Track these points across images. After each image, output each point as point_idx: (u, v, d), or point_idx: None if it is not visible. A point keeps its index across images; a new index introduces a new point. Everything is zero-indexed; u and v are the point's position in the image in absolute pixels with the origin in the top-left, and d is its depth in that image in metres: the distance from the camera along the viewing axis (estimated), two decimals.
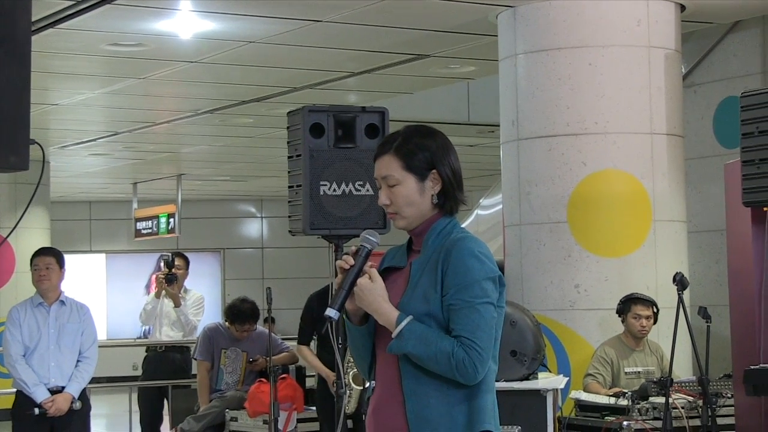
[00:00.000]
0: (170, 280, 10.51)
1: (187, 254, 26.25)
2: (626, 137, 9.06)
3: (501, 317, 3.63)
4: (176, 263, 10.84)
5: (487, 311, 3.54)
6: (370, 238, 3.70)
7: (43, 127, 14.81)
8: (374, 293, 3.60)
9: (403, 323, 3.53)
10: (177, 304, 10.54)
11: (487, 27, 9.77)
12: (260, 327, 9.75)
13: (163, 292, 10.61)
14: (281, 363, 9.29)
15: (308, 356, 8.90)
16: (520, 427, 6.84)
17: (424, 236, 3.69)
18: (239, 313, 9.57)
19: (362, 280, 3.60)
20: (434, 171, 3.66)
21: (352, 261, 3.64)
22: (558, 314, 8.96)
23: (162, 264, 10.88)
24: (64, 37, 10.03)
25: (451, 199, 3.70)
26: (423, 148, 3.68)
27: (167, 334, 10.28)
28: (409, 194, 3.67)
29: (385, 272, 3.73)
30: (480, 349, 3.50)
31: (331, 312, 3.61)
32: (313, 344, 9.06)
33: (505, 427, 6.47)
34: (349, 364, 7.88)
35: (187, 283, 11.12)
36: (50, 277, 7.66)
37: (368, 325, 3.69)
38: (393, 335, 3.55)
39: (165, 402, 10.88)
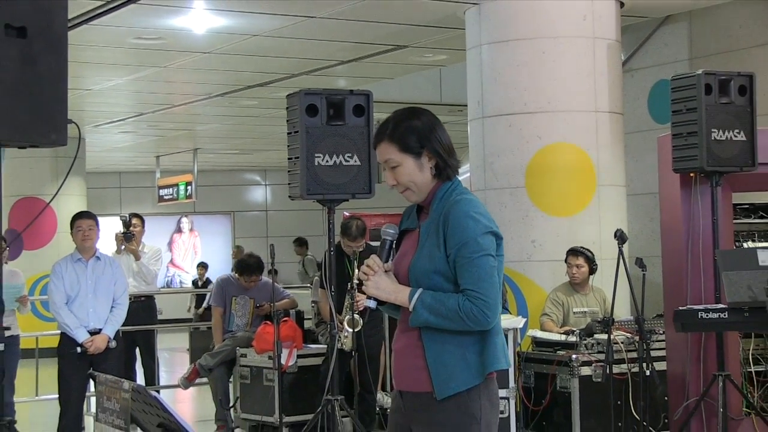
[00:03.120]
0: (128, 237, 10.34)
1: (201, 216, 26.40)
2: (574, 115, 9.07)
3: (501, 265, 3.59)
4: (133, 222, 10.63)
5: (485, 263, 3.49)
6: (389, 230, 3.68)
7: (79, 108, 14.77)
8: (382, 290, 3.59)
9: (414, 299, 3.51)
10: (137, 258, 10.38)
11: (456, 21, 9.76)
12: (265, 278, 9.76)
13: (123, 248, 10.44)
14: (283, 308, 9.32)
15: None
16: None
17: (431, 202, 3.64)
18: (247, 266, 9.59)
19: (369, 283, 3.58)
20: (425, 149, 3.61)
21: (376, 265, 3.60)
22: (517, 265, 8.99)
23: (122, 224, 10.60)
24: (95, 31, 9.99)
25: (446, 168, 3.64)
26: (412, 128, 3.62)
27: (132, 285, 10.11)
28: (410, 172, 3.62)
29: (402, 234, 3.72)
30: (485, 297, 3.46)
31: (370, 303, 3.62)
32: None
33: None
34: (346, 310, 7.91)
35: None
36: (92, 237, 7.66)
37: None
38: (410, 309, 3.53)
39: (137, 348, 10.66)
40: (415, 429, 3.59)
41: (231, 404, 9.36)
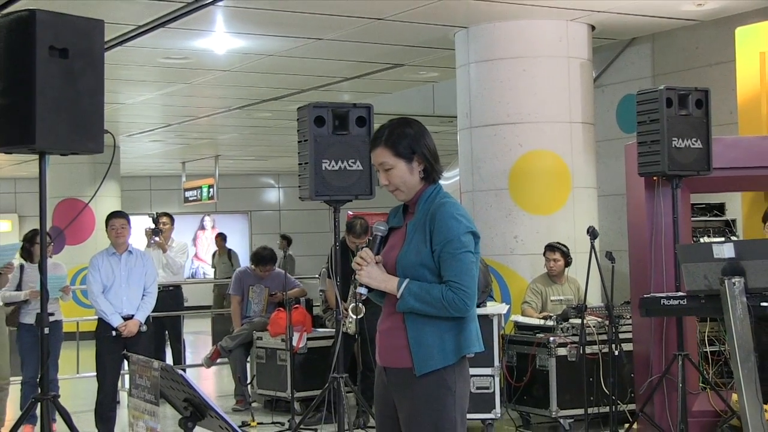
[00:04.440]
0: (156, 232, 10.33)
1: (222, 215, 26.39)
2: (551, 125, 9.08)
3: (478, 261, 3.60)
4: (163, 220, 10.59)
5: (466, 258, 3.51)
6: (380, 227, 3.69)
7: (114, 120, 14.77)
8: (374, 279, 3.60)
9: (402, 287, 3.52)
10: (164, 251, 10.37)
11: (446, 43, 9.76)
12: (278, 269, 9.76)
13: (153, 243, 10.42)
14: (294, 296, 9.31)
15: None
16: None
17: (417, 202, 3.66)
18: (261, 257, 9.59)
19: (362, 273, 3.60)
20: (416, 154, 3.62)
21: (368, 257, 3.61)
22: (501, 258, 9.00)
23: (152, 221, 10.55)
24: (129, 52, 9.99)
25: (432, 172, 3.67)
26: (404, 136, 3.62)
27: (161, 276, 10.05)
28: (402, 175, 3.63)
29: (389, 230, 3.73)
30: (465, 288, 3.47)
31: (362, 290, 3.64)
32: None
33: None
34: (351, 298, 7.91)
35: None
36: (124, 234, 7.65)
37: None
38: (397, 296, 3.54)
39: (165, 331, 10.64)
40: (397, 401, 3.60)
41: (248, 381, 9.37)
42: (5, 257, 7.58)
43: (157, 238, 10.33)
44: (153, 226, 10.35)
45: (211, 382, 11.65)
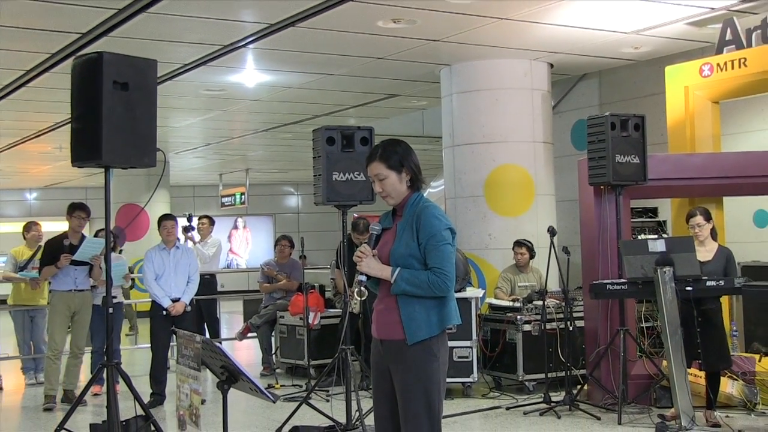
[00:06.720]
0: (187, 230, 10.30)
1: (252, 217, 26.33)
2: (519, 144, 9.11)
3: (454, 251, 3.63)
4: (203, 221, 10.49)
5: (446, 249, 3.54)
6: (375, 227, 3.71)
7: (165, 140, 14.79)
8: (372, 269, 3.62)
9: (395, 274, 3.54)
10: (194, 243, 10.36)
11: (434, 77, 9.79)
12: (294, 258, 9.76)
13: (187, 242, 10.39)
14: (288, 284, 9.31)
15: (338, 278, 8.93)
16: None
17: (404, 207, 3.68)
18: (280, 238, 9.70)
19: (363, 264, 3.61)
20: (404, 167, 3.66)
21: (367, 251, 3.63)
22: (478, 252, 9.02)
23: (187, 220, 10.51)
24: (177, 85, 10.01)
25: (417, 182, 3.69)
26: (395, 152, 3.66)
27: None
28: (393, 183, 3.65)
29: (382, 230, 3.74)
30: (447, 272, 3.50)
31: (362, 277, 3.65)
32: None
33: None
34: (355, 284, 7.89)
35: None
36: (173, 233, 7.69)
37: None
38: (392, 282, 3.56)
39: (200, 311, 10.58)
40: (391, 367, 3.61)
41: (273, 352, 9.37)
42: (93, 250, 7.61)
43: (189, 234, 10.35)
44: (186, 224, 10.35)
45: (242, 353, 11.67)
